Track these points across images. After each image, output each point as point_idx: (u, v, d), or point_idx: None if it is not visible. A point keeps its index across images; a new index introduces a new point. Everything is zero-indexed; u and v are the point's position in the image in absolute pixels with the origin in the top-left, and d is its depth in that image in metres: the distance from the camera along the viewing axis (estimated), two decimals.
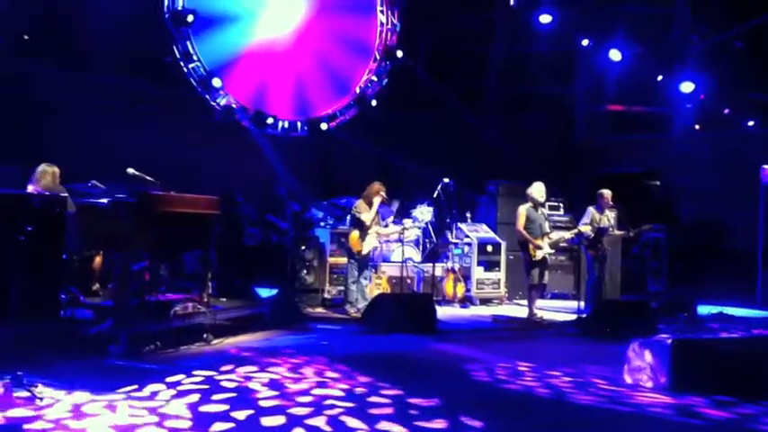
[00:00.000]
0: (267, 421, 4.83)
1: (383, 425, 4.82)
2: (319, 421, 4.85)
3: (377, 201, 9.98)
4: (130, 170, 7.76)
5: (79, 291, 7.52)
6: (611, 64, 14.07)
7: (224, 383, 5.81)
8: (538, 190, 10.11)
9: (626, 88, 14.65)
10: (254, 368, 6.38)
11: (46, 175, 7.90)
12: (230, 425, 4.74)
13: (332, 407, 5.21)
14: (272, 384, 5.85)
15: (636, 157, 14.77)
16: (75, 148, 9.63)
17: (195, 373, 6.07)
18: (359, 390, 5.75)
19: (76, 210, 7.44)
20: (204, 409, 5.09)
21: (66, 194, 7.46)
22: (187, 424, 4.74)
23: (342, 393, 5.60)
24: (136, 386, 5.55)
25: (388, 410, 5.18)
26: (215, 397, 5.40)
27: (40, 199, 6.96)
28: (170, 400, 5.26)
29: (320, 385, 5.86)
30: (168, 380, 5.81)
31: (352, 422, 4.85)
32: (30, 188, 7.73)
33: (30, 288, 6.52)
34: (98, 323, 6.90)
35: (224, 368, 6.30)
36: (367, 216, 9.88)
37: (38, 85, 10.55)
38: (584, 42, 14.32)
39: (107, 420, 4.76)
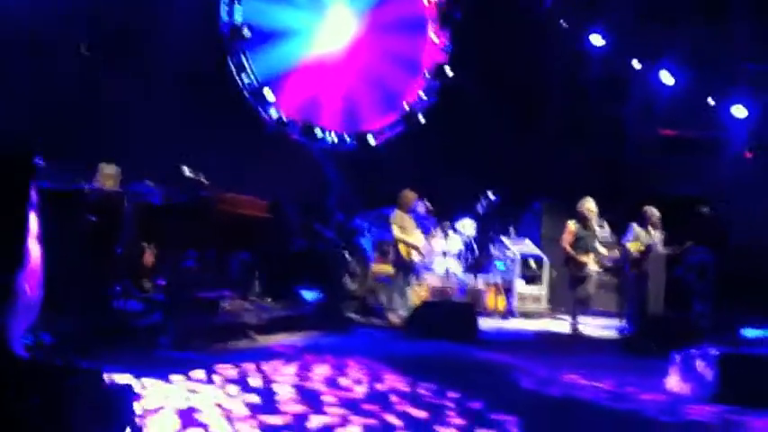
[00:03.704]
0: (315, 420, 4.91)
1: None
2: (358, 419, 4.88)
3: (420, 210, 10.18)
4: (185, 169, 8.02)
5: (131, 285, 7.78)
6: (663, 87, 14.03)
7: (268, 375, 5.97)
8: (587, 206, 10.11)
9: (677, 111, 14.56)
10: (298, 364, 6.52)
11: (108, 177, 8.22)
12: (279, 418, 4.88)
13: (374, 402, 5.28)
14: (311, 379, 5.98)
15: (685, 181, 14.61)
16: (132, 150, 9.95)
17: (242, 365, 6.24)
18: (398, 387, 5.84)
19: (131, 207, 7.71)
20: (248, 397, 5.23)
21: (121, 191, 7.77)
22: (235, 408, 4.88)
23: (380, 390, 5.69)
24: (184, 374, 5.73)
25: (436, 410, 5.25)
26: (257, 386, 5.56)
27: (97, 194, 7.26)
28: (218, 387, 5.43)
29: (360, 382, 5.95)
30: (216, 368, 5.97)
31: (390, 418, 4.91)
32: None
33: (85, 280, 6.78)
34: (149, 315, 7.16)
35: (269, 362, 6.46)
36: (397, 230, 10.10)
37: (103, 91, 10.94)
38: (636, 65, 14.30)
39: (158, 399, 4.96)
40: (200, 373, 5.80)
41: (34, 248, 5.17)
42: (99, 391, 3.68)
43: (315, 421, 4.64)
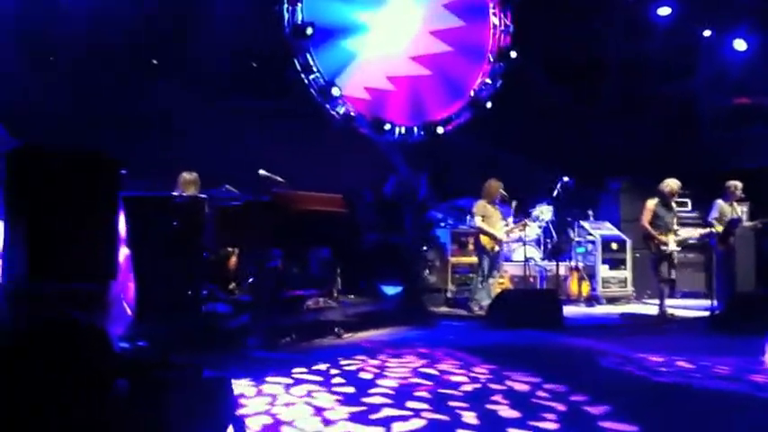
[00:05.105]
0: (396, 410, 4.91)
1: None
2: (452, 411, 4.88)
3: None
4: (262, 171, 8.10)
5: (217, 288, 7.90)
6: (735, 55, 13.52)
7: (361, 372, 5.98)
8: (670, 186, 9.83)
9: (750, 79, 14.02)
10: (388, 358, 6.54)
11: (189, 184, 8.36)
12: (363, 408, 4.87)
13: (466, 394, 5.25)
14: (404, 371, 5.97)
15: (762, 152, 14.06)
16: (207, 159, 10.08)
17: (332, 362, 6.26)
18: (488, 376, 5.80)
19: (213, 211, 7.81)
20: (343, 390, 5.27)
21: (202, 196, 7.88)
22: (332, 404, 4.90)
23: (467, 380, 5.66)
24: (276, 373, 5.77)
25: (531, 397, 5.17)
26: (354, 381, 5.59)
27: (181, 200, 7.38)
28: (312, 385, 5.45)
29: (455, 373, 5.93)
30: (306, 368, 6.00)
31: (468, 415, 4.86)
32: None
33: (174, 283, 6.90)
34: (237, 317, 7.24)
35: (359, 358, 6.49)
36: (479, 220, 10.00)
37: (167, 104, 11.09)
38: (706, 33, 13.82)
39: (252, 399, 5.00)
40: (292, 372, 5.84)
41: (124, 256, 5.30)
42: (199, 384, 3.74)
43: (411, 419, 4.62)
